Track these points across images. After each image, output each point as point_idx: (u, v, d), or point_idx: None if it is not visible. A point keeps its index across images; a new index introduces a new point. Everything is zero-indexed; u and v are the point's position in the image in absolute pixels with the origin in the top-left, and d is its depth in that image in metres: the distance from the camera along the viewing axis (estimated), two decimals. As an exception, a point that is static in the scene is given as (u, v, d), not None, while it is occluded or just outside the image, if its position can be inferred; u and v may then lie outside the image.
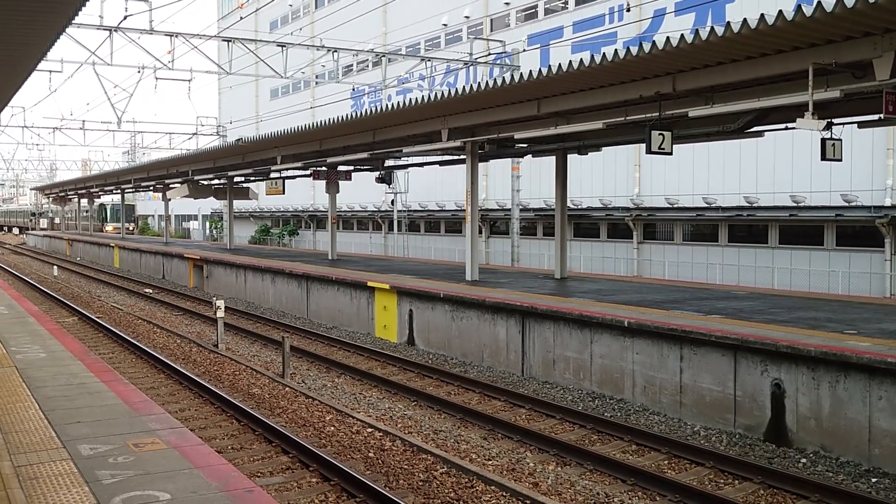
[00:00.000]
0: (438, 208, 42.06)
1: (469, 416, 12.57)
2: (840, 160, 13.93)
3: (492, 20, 43.85)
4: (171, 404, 13.00)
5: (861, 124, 14.74)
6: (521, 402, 13.29)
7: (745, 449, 10.73)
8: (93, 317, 22.64)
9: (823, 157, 13.48)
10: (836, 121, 13.74)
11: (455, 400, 13.52)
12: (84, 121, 46.97)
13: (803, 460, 10.17)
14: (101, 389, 9.31)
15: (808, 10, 9.84)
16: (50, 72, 28.66)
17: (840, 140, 13.57)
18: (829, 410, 10.28)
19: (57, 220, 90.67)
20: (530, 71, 14.40)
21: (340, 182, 29.69)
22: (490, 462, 10.19)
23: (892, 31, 10.38)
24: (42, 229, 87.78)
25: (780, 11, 10.10)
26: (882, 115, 11.33)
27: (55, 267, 41.42)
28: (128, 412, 8.24)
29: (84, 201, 72.26)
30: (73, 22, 11.40)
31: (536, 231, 36.75)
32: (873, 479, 9.46)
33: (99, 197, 67.76)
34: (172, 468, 6.44)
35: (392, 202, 42.26)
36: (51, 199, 79.15)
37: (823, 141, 13.41)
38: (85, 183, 59.52)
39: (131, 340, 18.58)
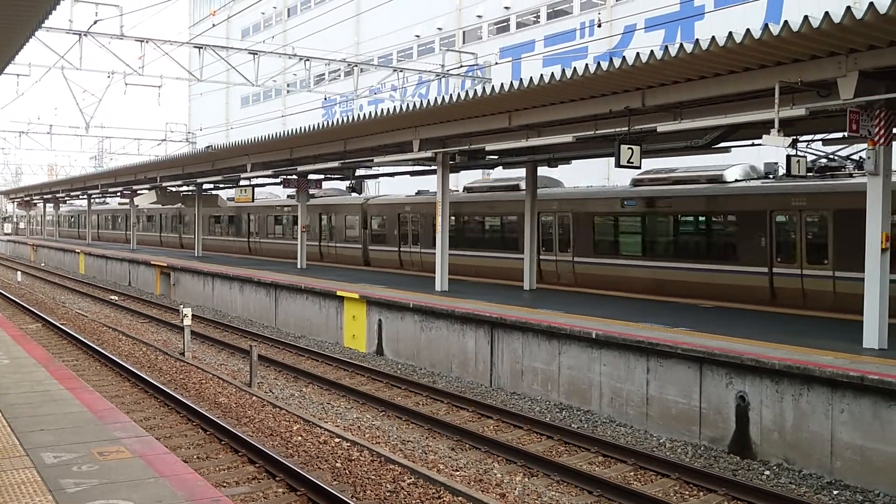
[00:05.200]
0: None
1: (437, 426, 12.57)
2: (805, 176, 14.19)
3: (464, 33, 44.09)
4: (136, 413, 12.87)
5: (826, 142, 15.02)
6: (489, 413, 13.32)
7: (709, 461, 10.84)
8: (57, 323, 22.34)
9: (788, 173, 13.72)
10: (801, 138, 14.01)
11: (423, 410, 13.52)
12: (51, 125, 46.45)
13: (767, 472, 10.29)
14: (66, 397, 9.19)
15: (774, 30, 10.02)
16: (17, 75, 28.35)
17: (805, 157, 13.82)
18: (793, 423, 10.42)
19: (22, 226, 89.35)
20: (502, 84, 14.49)
21: (311, 190, 29.59)
22: (458, 473, 10.20)
23: (856, 51, 10.61)
24: (6, 234, 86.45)
25: (748, 30, 10.28)
26: (846, 133, 11.56)
27: (19, 272, 40.81)
28: (93, 420, 8.15)
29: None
30: (43, 25, 11.31)
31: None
32: (835, 492, 9.60)
33: (64, 202, 66.17)
34: (137, 477, 6.38)
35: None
36: (15, 203, 77.99)
37: (789, 157, 13.65)
38: (51, 188, 58.76)
39: (96, 348, 18.36)
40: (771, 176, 18.48)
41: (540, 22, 39.27)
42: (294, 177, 28.41)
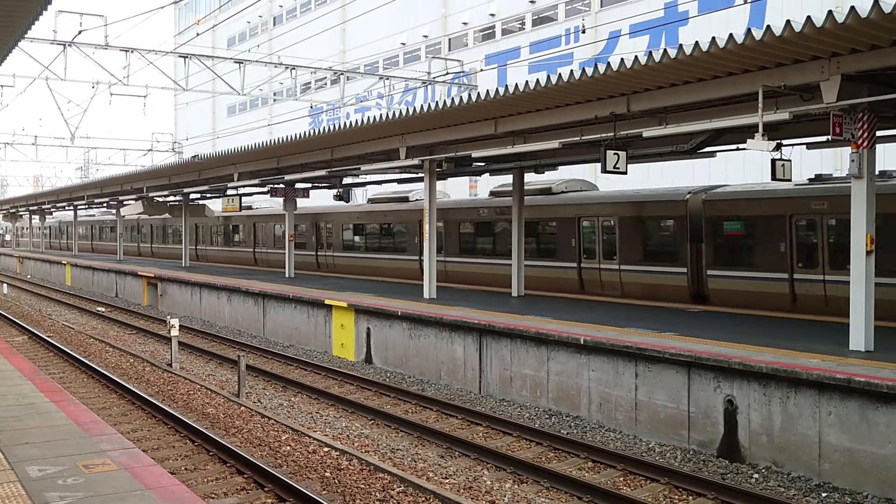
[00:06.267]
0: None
1: (426, 434, 12.54)
2: (790, 180, 14.25)
3: (450, 40, 44.18)
4: (122, 425, 12.79)
5: (809, 145, 15.10)
6: (479, 420, 13.30)
7: (698, 465, 10.85)
8: (43, 336, 22.19)
9: (773, 177, 13.77)
10: (785, 142, 14.07)
11: (412, 418, 13.49)
12: (36, 136, 46.21)
13: (756, 476, 10.31)
14: (51, 410, 9.13)
15: (757, 34, 10.08)
16: (2, 86, 28.26)
17: (789, 160, 13.87)
18: (781, 426, 10.45)
19: (8, 238, 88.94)
20: (487, 91, 14.50)
21: (298, 199, 29.54)
22: (447, 480, 10.17)
23: (838, 55, 10.67)
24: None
25: (731, 35, 10.33)
26: (829, 137, 11.62)
27: (4, 285, 40.56)
28: (78, 433, 8.09)
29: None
30: (26, 36, 11.27)
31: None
32: (823, 494, 9.63)
33: (51, 213, 65.83)
34: (124, 489, 6.34)
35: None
36: (0, 215, 77.62)
37: (773, 161, 13.71)
38: (36, 199, 58.47)
39: (82, 360, 18.24)
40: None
41: (525, 29, 39.38)
42: (281, 185, 28.39)
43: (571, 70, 12.71)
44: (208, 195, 37.12)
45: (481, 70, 35.66)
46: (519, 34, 39.63)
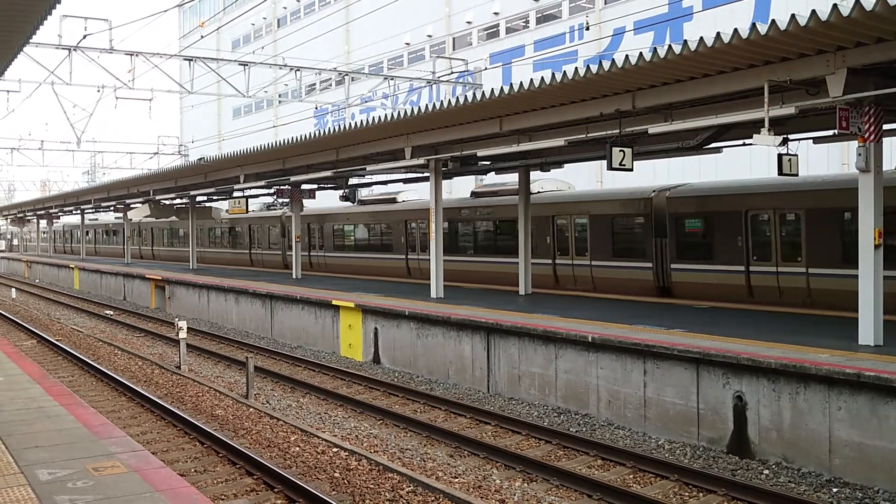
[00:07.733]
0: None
1: (435, 433, 12.54)
2: (796, 175, 14.21)
3: (454, 39, 44.15)
4: (132, 427, 12.81)
5: (816, 140, 15.03)
6: (487, 419, 13.29)
7: (708, 462, 10.82)
8: (52, 339, 22.25)
9: (780, 173, 13.75)
10: (791, 136, 14.03)
11: (421, 418, 13.48)
12: (43, 141, 46.36)
13: (766, 472, 10.28)
14: (60, 413, 9.16)
15: (762, 29, 10.04)
16: (7, 91, 28.33)
17: (796, 155, 13.84)
18: (790, 422, 10.41)
19: (15, 242, 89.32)
20: (492, 89, 14.48)
21: (304, 199, 29.57)
22: (457, 480, 10.16)
23: (844, 48, 10.62)
24: (0, 251, 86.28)
25: (736, 30, 10.29)
26: (836, 131, 11.57)
27: (13, 289, 40.69)
28: (87, 436, 8.11)
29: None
30: (31, 41, 11.30)
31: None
32: (834, 489, 9.59)
33: (58, 218, 66.01)
34: (133, 492, 6.34)
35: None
36: (8, 220, 77.84)
37: (780, 156, 13.67)
38: (44, 204, 58.65)
39: (91, 363, 18.29)
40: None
41: (529, 27, 39.34)
42: (287, 187, 28.42)
43: (576, 67, 12.67)
44: (214, 197, 37.12)
45: (486, 69, 35.62)
46: (523, 32, 39.59)
